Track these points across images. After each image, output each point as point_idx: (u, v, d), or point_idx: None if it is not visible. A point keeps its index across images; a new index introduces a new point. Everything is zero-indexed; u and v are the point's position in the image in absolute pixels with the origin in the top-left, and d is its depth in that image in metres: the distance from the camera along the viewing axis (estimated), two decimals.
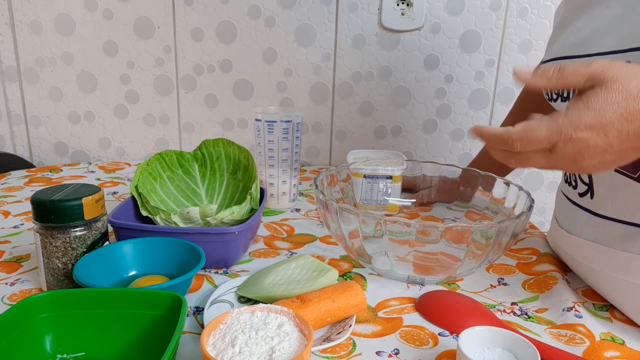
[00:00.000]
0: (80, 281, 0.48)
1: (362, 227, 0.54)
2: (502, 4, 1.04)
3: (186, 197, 0.72)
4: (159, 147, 1.14)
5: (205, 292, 0.56)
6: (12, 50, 1.07)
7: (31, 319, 0.42)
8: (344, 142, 1.14)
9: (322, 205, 0.58)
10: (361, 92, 1.10)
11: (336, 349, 0.47)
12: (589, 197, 0.56)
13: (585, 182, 0.56)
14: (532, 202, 0.58)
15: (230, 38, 1.06)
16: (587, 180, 0.56)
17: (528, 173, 1.15)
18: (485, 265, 0.57)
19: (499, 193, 0.66)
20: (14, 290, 0.55)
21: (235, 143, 0.74)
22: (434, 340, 0.48)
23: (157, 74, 1.09)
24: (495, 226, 0.52)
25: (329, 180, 0.68)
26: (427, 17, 1.04)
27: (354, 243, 0.57)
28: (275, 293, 0.51)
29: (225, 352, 0.37)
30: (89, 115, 1.11)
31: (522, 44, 1.06)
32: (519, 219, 0.53)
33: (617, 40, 0.49)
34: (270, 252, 0.67)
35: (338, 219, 0.56)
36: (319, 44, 1.06)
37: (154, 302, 0.44)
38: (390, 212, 0.77)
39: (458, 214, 0.71)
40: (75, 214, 0.52)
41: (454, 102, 1.10)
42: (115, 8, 1.04)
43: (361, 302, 0.49)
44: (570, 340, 0.49)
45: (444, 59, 1.07)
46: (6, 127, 1.12)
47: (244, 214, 0.65)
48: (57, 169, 1.04)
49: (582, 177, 0.57)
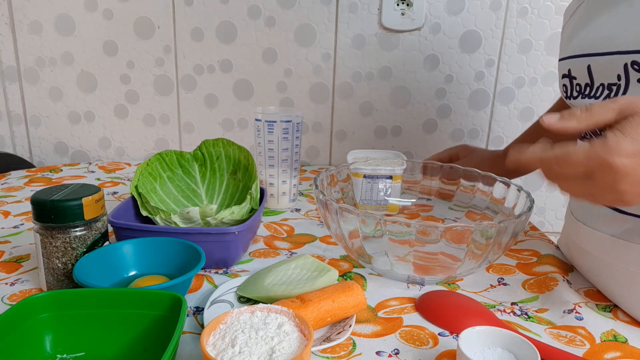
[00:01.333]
0: (80, 281, 0.48)
1: (362, 227, 0.54)
2: (502, 4, 1.04)
3: (186, 197, 0.72)
4: (159, 147, 1.14)
5: (205, 292, 0.56)
6: (12, 50, 1.07)
7: (31, 319, 0.42)
8: (344, 142, 1.14)
9: (322, 205, 0.58)
10: (361, 92, 1.10)
11: (336, 349, 0.47)
12: None
13: None
14: (532, 202, 0.58)
15: (230, 38, 1.06)
16: None
17: (528, 173, 1.15)
18: (485, 265, 0.57)
19: (499, 193, 0.66)
20: (14, 290, 0.55)
21: (235, 143, 0.74)
22: (434, 340, 0.48)
23: (157, 74, 1.09)
24: (495, 226, 0.52)
25: (329, 180, 0.68)
26: (427, 17, 1.04)
27: (354, 243, 0.57)
28: (275, 293, 0.51)
29: (225, 352, 0.37)
30: (89, 115, 1.11)
31: (522, 44, 1.06)
32: (519, 219, 0.53)
33: (638, 39, 0.49)
34: (270, 252, 0.67)
35: (338, 219, 0.56)
36: (319, 44, 1.06)
37: (154, 302, 0.44)
38: (390, 212, 0.77)
39: (459, 214, 0.71)
40: (75, 214, 0.52)
41: (454, 102, 1.10)
42: (115, 8, 1.04)
43: (361, 302, 0.49)
44: (571, 342, 0.49)
45: (444, 59, 1.07)
46: (6, 127, 1.12)
47: (244, 214, 0.65)
48: (57, 169, 1.04)
49: None
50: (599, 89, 0.55)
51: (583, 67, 0.57)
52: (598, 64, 0.54)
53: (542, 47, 1.06)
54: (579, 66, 0.58)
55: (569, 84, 0.61)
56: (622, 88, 0.51)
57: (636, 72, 0.50)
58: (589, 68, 0.56)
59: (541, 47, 1.06)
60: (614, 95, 0.53)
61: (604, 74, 0.54)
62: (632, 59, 0.50)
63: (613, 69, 0.52)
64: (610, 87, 0.53)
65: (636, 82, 0.50)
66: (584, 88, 0.58)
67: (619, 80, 0.52)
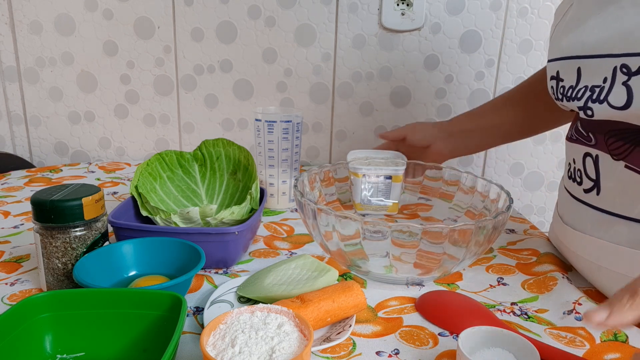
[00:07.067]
0: (80, 281, 0.48)
1: (341, 230, 0.54)
2: (502, 4, 1.04)
3: (186, 197, 0.72)
4: (159, 147, 1.14)
5: (205, 292, 0.56)
6: (12, 50, 1.07)
7: (31, 319, 0.42)
8: (344, 142, 1.14)
9: (301, 207, 0.57)
10: (361, 92, 1.10)
11: (336, 349, 0.47)
12: (595, 194, 0.56)
13: (592, 178, 0.56)
14: (510, 201, 0.58)
15: (230, 38, 1.06)
16: (594, 176, 0.56)
17: (528, 173, 1.15)
18: (471, 260, 0.56)
19: (485, 190, 0.67)
20: (14, 290, 0.55)
21: (235, 143, 0.74)
22: (434, 340, 0.48)
23: (157, 74, 1.09)
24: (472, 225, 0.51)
25: (322, 177, 0.69)
26: (427, 17, 1.04)
27: (342, 250, 0.57)
28: (275, 293, 0.51)
29: (225, 352, 0.37)
30: (89, 115, 1.11)
31: (522, 44, 1.06)
32: (500, 218, 0.53)
33: (631, 43, 0.49)
34: (270, 252, 0.67)
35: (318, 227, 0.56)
36: (319, 44, 1.06)
37: (154, 302, 0.44)
38: (390, 212, 0.77)
39: (459, 214, 0.71)
40: (75, 214, 0.52)
41: (454, 102, 1.10)
42: (115, 8, 1.04)
43: (361, 302, 0.49)
44: (571, 343, 0.49)
45: (444, 59, 1.07)
46: (6, 127, 1.12)
47: (244, 214, 0.65)
48: (57, 169, 1.04)
49: (588, 173, 0.57)
50: (581, 90, 0.55)
51: (573, 69, 0.57)
52: (588, 66, 0.55)
53: (542, 47, 1.06)
54: (568, 68, 0.58)
55: (555, 86, 0.61)
56: (606, 90, 0.52)
57: (623, 74, 0.50)
58: (579, 70, 0.56)
59: (541, 47, 1.06)
60: (595, 96, 0.53)
61: (592, 76, 0.54)
62: (622, 62, 0.50)
63: (602, 72, 0.52)
64: (593, 88, 0.54)
65: (620, 85, 0.50)
66: (567, 90, 0.58)
67: (604, 83, 0.52)
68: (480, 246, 0.54)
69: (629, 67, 0.49)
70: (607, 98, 0.51)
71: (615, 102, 0.50)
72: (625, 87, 0.49)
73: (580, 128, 0.59)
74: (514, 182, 1.16)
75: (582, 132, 0.58)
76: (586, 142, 0.57)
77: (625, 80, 0.49)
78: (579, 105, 0.56)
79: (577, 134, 0.60)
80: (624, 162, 0.52)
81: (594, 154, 0.56)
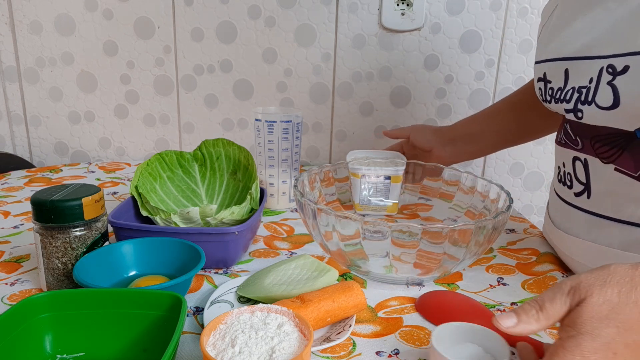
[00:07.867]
0: (80, 281, 0.48)
1: (341, 230, 0.54)
2: (502, 4, 1.04)
3: (186, 197, 0.72)
4: (159, 147, 1.14)
5: (205, 292, 0.56)
6: (12, 50, 1.07)
7: (31, 319, 0.42)
8: (344, 142, 1.14)
9: (307, 212, 0.58)
10: (361, 92, 1.10)
11: (336, 349, 0.47)
12: (586, 197, 0.56)
13: (582, 181, 0.56)
14: (510, 201, 0.58)
15: (230, 38, 1.06)
16: (584, 180, 0.56)
17: (528, 173, 1.15)
18: (471, 260, 0.56)
19: (484, 190, 0.66)
20: (14, 290, 0.55)
21: (235, 143, 0.74)
22: None
23: (157, 74, 1.09)
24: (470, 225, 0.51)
25: (322, 177, 0.68)
26: (427, 17, 1.04)
27: (342, 251, 0.57)
28: (275, 293, 0.51)
29: (225, 352, 0.37)
30: (89, 115, 1.11)
31: (522, 44, 1.06)
32: (500, 218, 0.53)
33: (617, 44, 0.49)
34: (270, 252, 0.67)
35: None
36: (319, 44, 1.06)
37: (154, 302, 0.44)
38: (389, 212, 0.77)
39: (459, 214, 0.71)
40: (75, 214, 0.52)
41: (454, 102, 1.10)
42: (115, 8, 1.04)
43: (361, 302, 0.49)
44: None
45: (444, 59, 1.07)
46: (6, 127, 1.12)
47: (244, 214, 0.65)
48: (57, 169, 1.04)
49: (578, 176, 0.57)
50: (569, 92, 0.55)
51: (560, 71, 0.57)
52: (576, 67, 0.55)
53: None
54: (556, 70, 0.58)
55: (543, 88, 0.61)
56: (592, 90, 0.52)
57: (609, 74, 0.50)
58: (567, 72, 0.56)
59: None
60: (583, 97, 0.53)
61: (579, 77, 0.54)
62: (608, 63, 0.50)
63: (589, 73, 0.52)
64: (580, 89, 0.54)
65: (605, 85, 0.50)
66: (556, 92, 0.58)
67: (590, 83, 0.52)
68: (480, 246, 0.54)
69: (614, 67, 0.49)
70: (594, 99, 0.52)
71: (603, 102, 0.51)
72: (610, 86, 0.49)
73: (570, 131, 0.59)
74: (514, 182, 1.16)
75: (571, 136, 0.58)
76: (574, 147, 0.57)
77: (610, 80, 0.50)
78: (568, 107, 0.56)
79: (565, 138, 0.60)
80: (613, 165, 0.52)
81: (582, 158, 0.56)
